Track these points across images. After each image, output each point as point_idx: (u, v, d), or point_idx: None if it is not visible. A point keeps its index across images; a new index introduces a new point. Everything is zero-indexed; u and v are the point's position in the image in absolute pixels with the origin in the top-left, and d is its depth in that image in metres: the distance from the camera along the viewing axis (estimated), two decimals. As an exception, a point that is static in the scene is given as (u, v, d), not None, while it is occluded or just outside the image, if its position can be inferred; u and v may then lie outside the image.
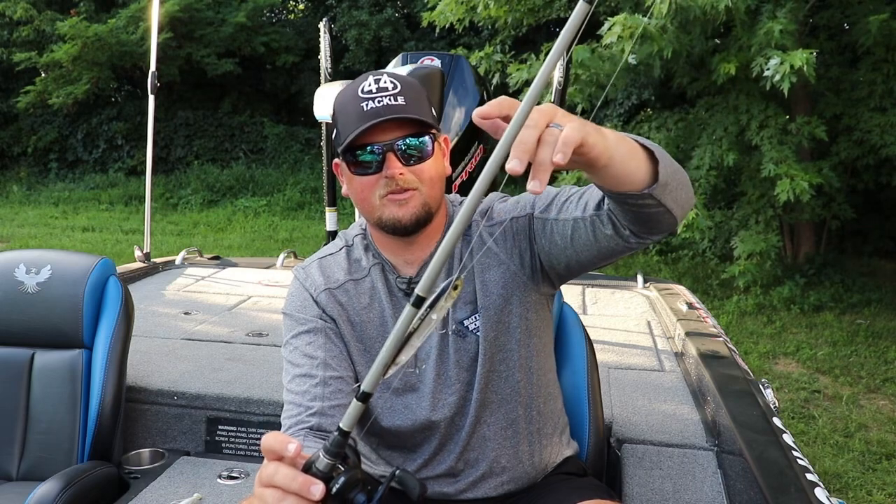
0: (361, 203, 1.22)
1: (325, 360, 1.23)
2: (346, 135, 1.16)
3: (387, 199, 1.18)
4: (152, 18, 3.70)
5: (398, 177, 1.16)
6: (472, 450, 1.29)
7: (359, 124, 1.14)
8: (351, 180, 1.21)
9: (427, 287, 0.72)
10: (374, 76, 1.19)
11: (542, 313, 1.31)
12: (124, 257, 6.74)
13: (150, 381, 2.11)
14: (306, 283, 1.30)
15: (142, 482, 1.80)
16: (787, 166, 5.43)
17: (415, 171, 1.17)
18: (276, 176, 11.92)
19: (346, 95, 1.19)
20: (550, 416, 1.36)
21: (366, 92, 1.16)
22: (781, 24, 4.92)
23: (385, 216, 1.19)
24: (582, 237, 1.13)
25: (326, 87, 2.68)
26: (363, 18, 12.03)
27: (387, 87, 1.16)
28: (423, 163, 1.18)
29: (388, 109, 1.14)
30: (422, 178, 1.18)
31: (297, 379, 1.22)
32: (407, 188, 1.17)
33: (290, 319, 1.29)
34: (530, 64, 6.27)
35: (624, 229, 1.07)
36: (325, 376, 1.21)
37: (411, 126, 1.16)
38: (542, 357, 1.33)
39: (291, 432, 1.18)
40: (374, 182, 1.18)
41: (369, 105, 1.14)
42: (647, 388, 2.16)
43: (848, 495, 3.27)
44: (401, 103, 1.15)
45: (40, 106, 12.07)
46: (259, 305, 3.06)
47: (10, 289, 1.89)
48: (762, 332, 5.59)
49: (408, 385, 1.29)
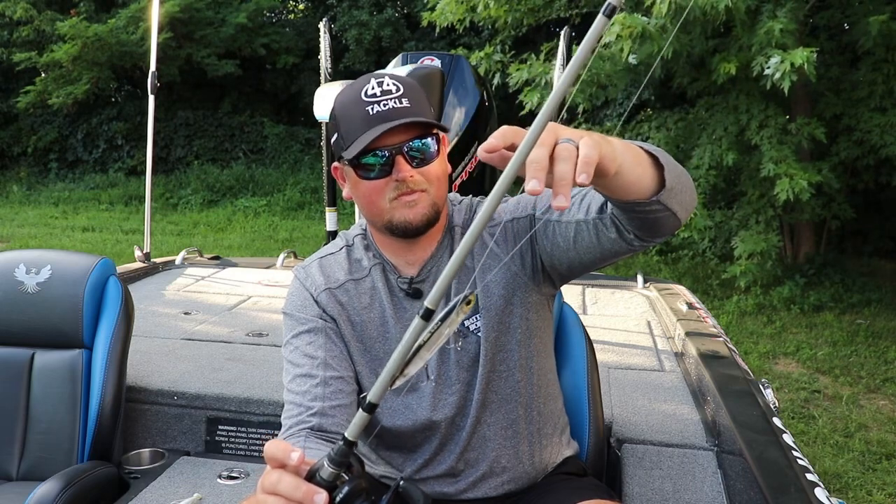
0: (369, 207, 1.21)
1: (326, 359, 1.23)
2: (351, 140, 1.16)
3: (397, 201, 1.17)
4: (152, 18, 3.70)
5: (409, 179, 1.16)
6: (473, 450, 1.29)
7: (365, 128, 1.14)
8: (357, 184, 1.20)
9: (437, 299, 0.71)
10: (376, 78, 1.18)
11: (543, 313, 1.31)
12: (124, 257, 6.74)
13: (150, 381, 2.11)
14: (306, 282, 1.30)
15: (142, 482, 1.80)
16: (787, 165, 5.43)
17: (422, 172, 1.17)
18: (276, 176, 11.92)
19: (348, 98, 1.18)
20: (550, 416, 1.36)
21: (369, 95, 1.15)
22: (782, 24, 4.92)
23: (396, 219, 1.18)
24: (585, 240, 1.13)
25: (326, 87, 2.69)
26: (363, 18, 12.03)
27: (390, 90, 1.15)
28: (429, 164, 1.18)
29: (395, 113, 1.14)
30: (429, 179, 1.18)
31: (298, 379, 1.22)
32: (416, 189, 1.17)
33: (291, 319, 1.29)
34: (530, 64, 6.27)
35: (628, 233, 1.07)
36: (325, 376, 1.21)
37: (417, 128, 1.16)
38: (543, 357, 1.33)
39: (292, 432, 1.18)
40: (384, 186, 1.17)
41: (375, 109, 1.14)
42: (647, 388, 2.16)
43: (848, 495, 3.27)
44: (406, 105, 1.15)
45: (40, 106, 12.07)
46: (259, 305, 3.06)
47: (10, 289, 1.88)
48: (762, 332, 5.59)
49: (408, 385, 1.28)
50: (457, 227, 1.28)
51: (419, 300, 1.26)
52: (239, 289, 3.33)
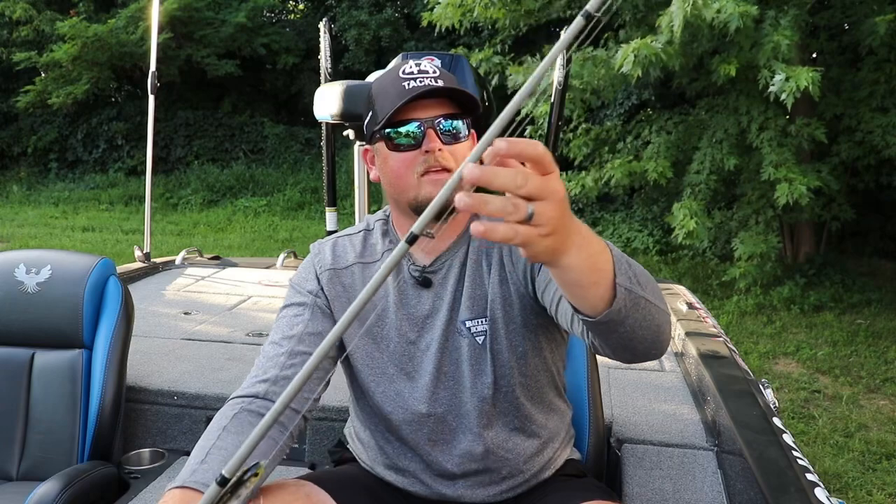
0: (396, 181, 1.21)
1: (301, 335, 1.25)
2: (385, 112, 1.17)
3: (425, 177, 1.18)
4: (152, 18, 3.70)
5: (437, 153, 1.16)
6: (472, 451, 1.29)
7: (400, 100, 1.15)
8: (387, 158, 1.21)
9: (234, 467, 0.70)
10: (415, 59, 1.22)
11: (550, 327, 1.28)
12: (124, 257, 6.74)
13: (150, 381, 2.11)
14: (315, 259, 1.33)
15: (142, 482, 1.80)
16: (787, 169, 5.42)
17: (452, 150, 1.18)
18: (276, 176, 11.92)
19: (386, 78, 1.21)
20: (553, 424, 1.36)
21: (407, 73, 1.18)
22: (786, 37, 4.91)
23: (421, 195, 1.18)
24: (560, 316, 1.11)
25: (326, 87, 2.68)
26: (363, 18, 12.03)
27: (427, 71, 1.18)
28: (458, 143, 1.19)
29: (432, 90, 1.16)
30: (458, 159, 1.18)
31: (270, 345, 1.25)
32: (444, 167, 1.17)
33: (291, 288, 1.33)
34: (528, 66, 6.28)
35: (586, 338, 1.03)
36: (294, 349, 1.23)
37: (451, 107, 1.18)
38: (550, 365, 1.31)
39: (235, 402, 1.19)
40: (413, 158, 1.18)
41: (411, 84, 1.16)
42: (647, 388, 2.16)
43: (848, 495, 3.27)
44: (442, 85, 1.16)
45: (40, 106, 12.06)
46: (259, 305, 3.06)
47: (10, 289, 1.88)
48: (762, 332, 5.59)
49: (403, 371, 1.28)
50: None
51: (427, 290, 1.26)
52: (239, 289, 3.33)
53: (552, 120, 3.08)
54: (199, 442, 1.14)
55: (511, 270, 1.24)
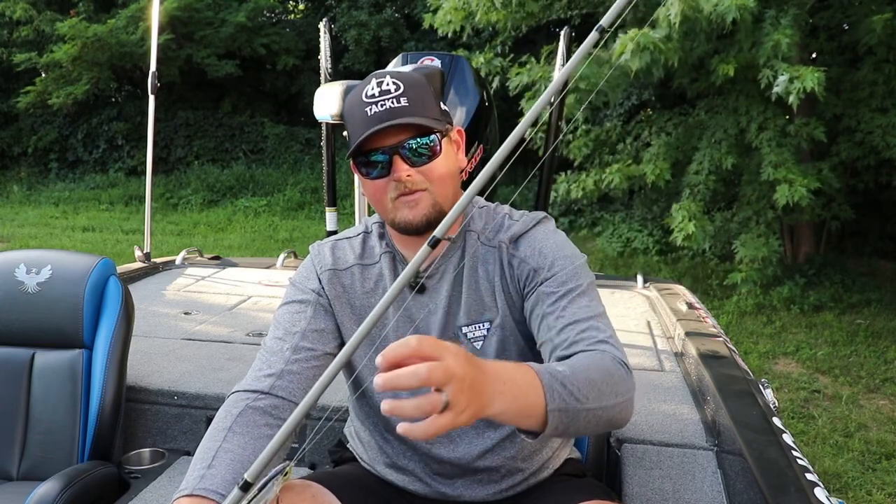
0: (375, 205, 1.25)
1: (305, 331, 1.25)
2: (353, 141, 1.18)
3: (398, 201, 1.19)
4: (152, 19, 3.70)
5: (406, 179, 1.17)
6: (471, 452, 1.29)
7: (364, 129, 1.15)
8: (364, 184, 1.24)
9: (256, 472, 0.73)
10: (377, 78, 1.18)
11: None
12: (124, 257, 6.74)
13: (150, 381, 2.11)
14: (316, 259, 1.34)
15: (142, 482, 1.80)
16: (787, 170, 5.42)
17: (423, 171, 1.18)
18: (277, 176, 11.93)
19: (353, 99, 1.20)
20: None
21: (369, 96, 1.16)
22: (787, 36, 4.91)
23: (397, 218, 1.21)
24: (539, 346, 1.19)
25: (326, 87, 2.68)
26: (363, 19, 12.04)
27: (389, 90, 1.16)
28: (431, 162, 1.18)
29: (389, 113, 1.14)
30: (431, 178, 1.19)
31: (273, 341, 1.25)
32: (416, 189, 1.18)
33: (291, 287, 1.33)
34: (529, 67, 6.27)
35: None
36: (298, 345, 1.23)
37: (416, 127, 1.16)
38: None
39: (239, 398, 1.18)
40: (385, 185, 1.19)
41: (372, 110, 1.15)
42: (647, 388, 2.16)
43: (848, 495, 3.27)
44: (403, 105, 1.15)
45: (40, 106, 12.07)
46: (259, 305, 3.06)
47: (11, 289, 1.89)
48: (762, 332, 5.60)
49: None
50: (472, 233, 1.28)
51: (422, 295, 1.27)
52: (239, 289, 3.33)
53: (552, 121, 3.07)
54: (202, 443, 1.13)
55: (510, 279, 1.25)
